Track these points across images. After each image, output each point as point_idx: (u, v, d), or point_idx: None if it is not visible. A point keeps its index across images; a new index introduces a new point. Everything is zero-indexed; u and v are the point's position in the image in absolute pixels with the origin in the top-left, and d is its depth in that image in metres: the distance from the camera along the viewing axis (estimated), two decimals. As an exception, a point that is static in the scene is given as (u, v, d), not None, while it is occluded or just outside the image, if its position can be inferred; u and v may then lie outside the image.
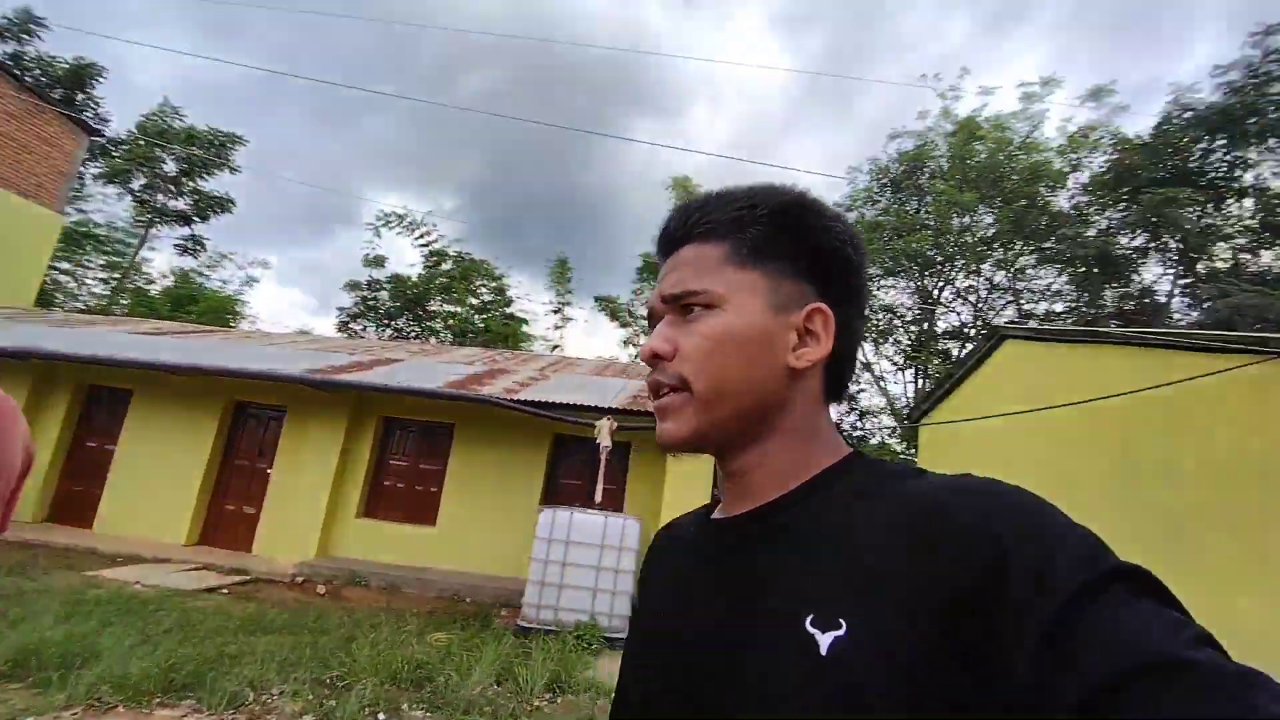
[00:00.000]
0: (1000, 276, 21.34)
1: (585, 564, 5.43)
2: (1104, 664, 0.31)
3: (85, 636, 3.86)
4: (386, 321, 24.32)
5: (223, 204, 22.93)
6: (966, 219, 20.63)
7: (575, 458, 7.72)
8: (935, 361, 21.23)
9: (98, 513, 7.79)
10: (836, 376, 0.55)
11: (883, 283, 22.53)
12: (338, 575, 6.94)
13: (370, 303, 24.45)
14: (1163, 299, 17.22)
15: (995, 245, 20.52)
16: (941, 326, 22.31)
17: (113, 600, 4.96)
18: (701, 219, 0.55)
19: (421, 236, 23.91)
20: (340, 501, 7.58)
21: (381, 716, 3.42)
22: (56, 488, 8.08)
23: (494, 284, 24.32)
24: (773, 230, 0.53)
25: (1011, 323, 15.31)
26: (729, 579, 0.51)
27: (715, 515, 0.59)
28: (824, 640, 0.41)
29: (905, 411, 19.35)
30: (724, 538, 0.54)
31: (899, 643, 0.38)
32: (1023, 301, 20.52)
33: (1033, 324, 15.02)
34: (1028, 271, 20.34)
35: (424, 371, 8.02)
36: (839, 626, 0.41)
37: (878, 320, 22.70)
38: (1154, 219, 15.45)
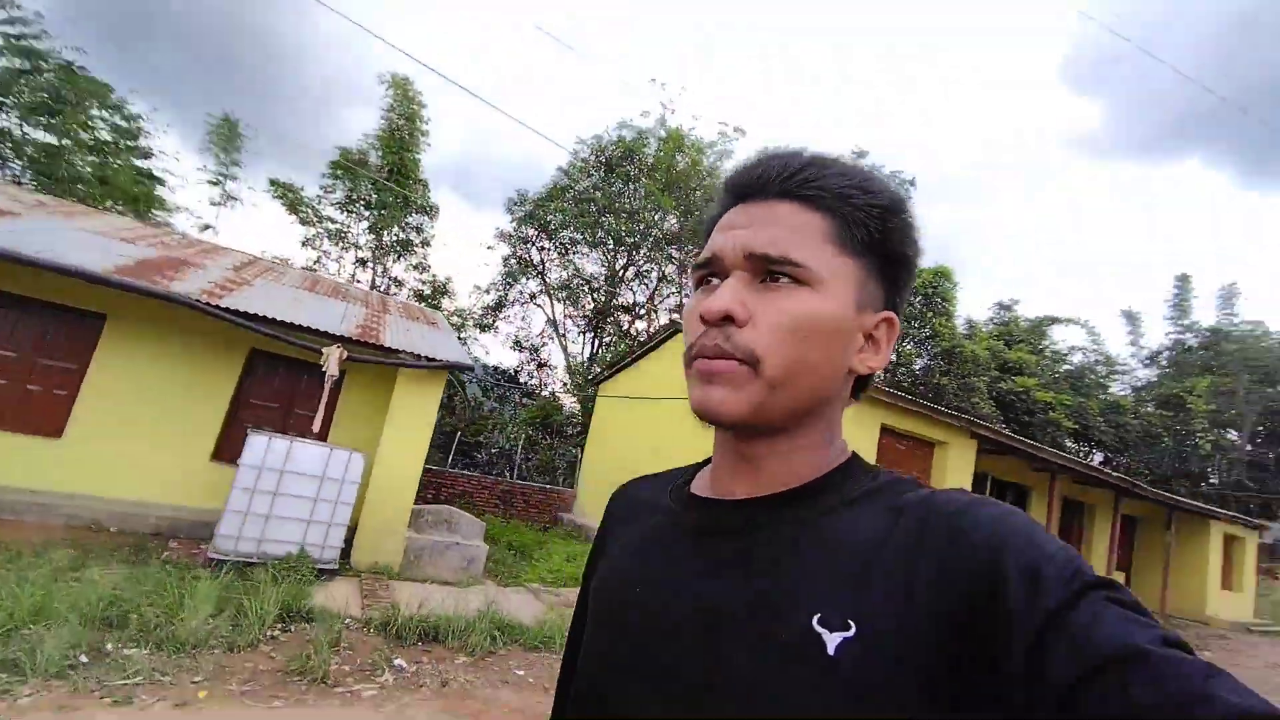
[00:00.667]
0: (671, 270, 25.61)
1: (302, 495, 5.29)
2: (1083, 658, 0.34)
3: None
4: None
5: None
6: (658, 215, 24.07)
7: (271, 377, 7.03)
8: (610, 330, 24.39)
9: None
10: (865, 381, 0.54)
11: (583, 251, 24.72)
12: (-121, 494, 5.02)
13: None
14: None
15: (672, 244, 24.48)
16: (620, 301, 25.67)
17: None
18: (810, 180, 0.50)
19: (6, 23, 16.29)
20: (-118, 393, 5.38)
21: (84, 659, 3.08)
22: None
23: (122, 120, 18.16)
24: (880, 224, 0.51)
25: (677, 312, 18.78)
26: (725, 563, 0.50)
27: (701, 491, 0.58)
28: (832, 641, 0.41)
29: (583, 369, 21.88)
30: (720, 518, 0.53)
31: (908, 647, 0.40)
32: (685, 295, 25.09)
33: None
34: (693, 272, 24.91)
35: (63, 237, 6.13)
36: (848, 628, 0.41)
37: (572, 283, 24.87)
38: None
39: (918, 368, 24.55)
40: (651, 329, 24.15)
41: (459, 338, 13.65)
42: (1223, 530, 15.07)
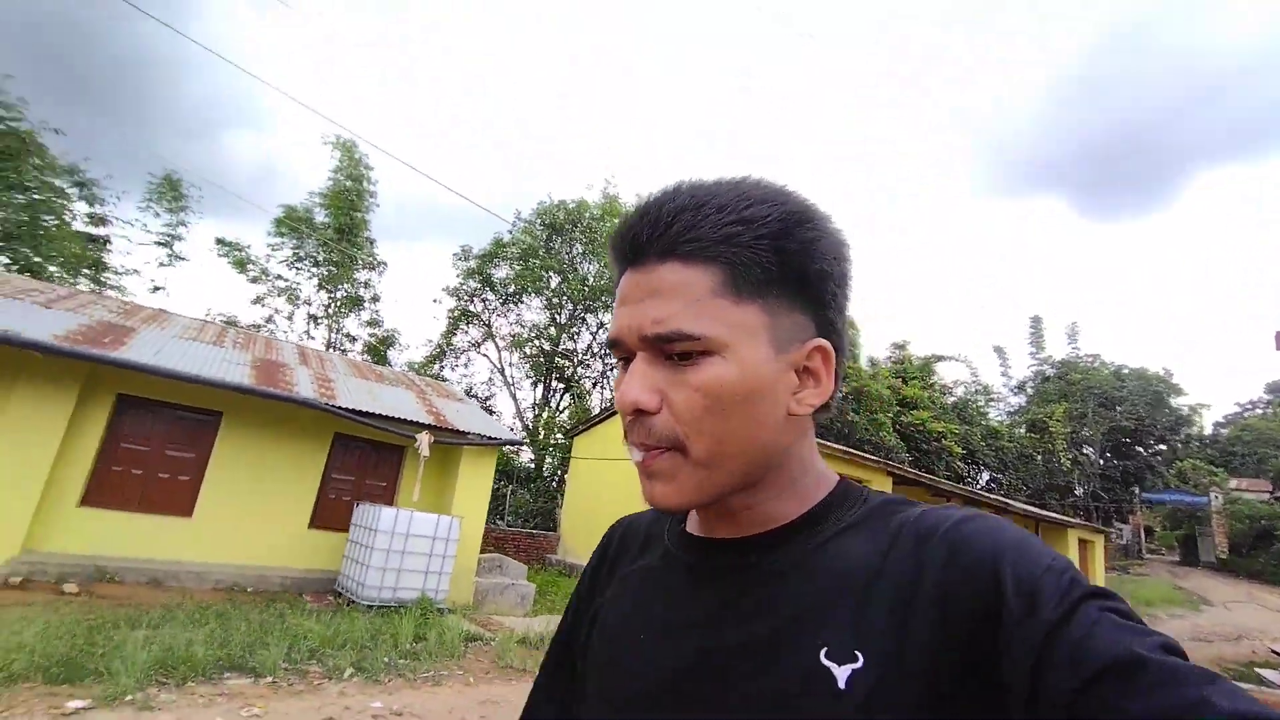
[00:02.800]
0: (607, 318, 27.97)
1: (422, 552, 7.01)
2: (1081, 668, 0.35)
3: None
4: None
5: None
6: (593, 268, 26.45)
7: (349, 456, 8.60)
8: (557, 375, 26.23)
9: None
10: (825, 403, 0.51)
11: (526, 302, 26.60)
12: (76, 572, 6.28)
13: None
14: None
15: (604, 297, 26.88)
16: (564, 348, 27.64)
17: None
18: (685, 233, 0.46)
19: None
20: (54, 489, 6.61)
21: (316, 666, 4.83)
22: None
23: (73, 184, 18.29)
24: (773, 253, 0.46)
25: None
26: (727, 605, 0.49)
27: (694, 530, 0.57)
28: (841, 673, 0.41)
29: (548, 422, 23.54)
30: (718, 558, 0.53)
31: (916, 670, 0.40)
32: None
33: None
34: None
35: (192, 352, 7.57)
36: (855, 659, 0.41)
37: (521, 331, 26.62)
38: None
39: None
40: (592, 374, 26.38)
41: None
42: (1077, 535, 19.03)
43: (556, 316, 26.85)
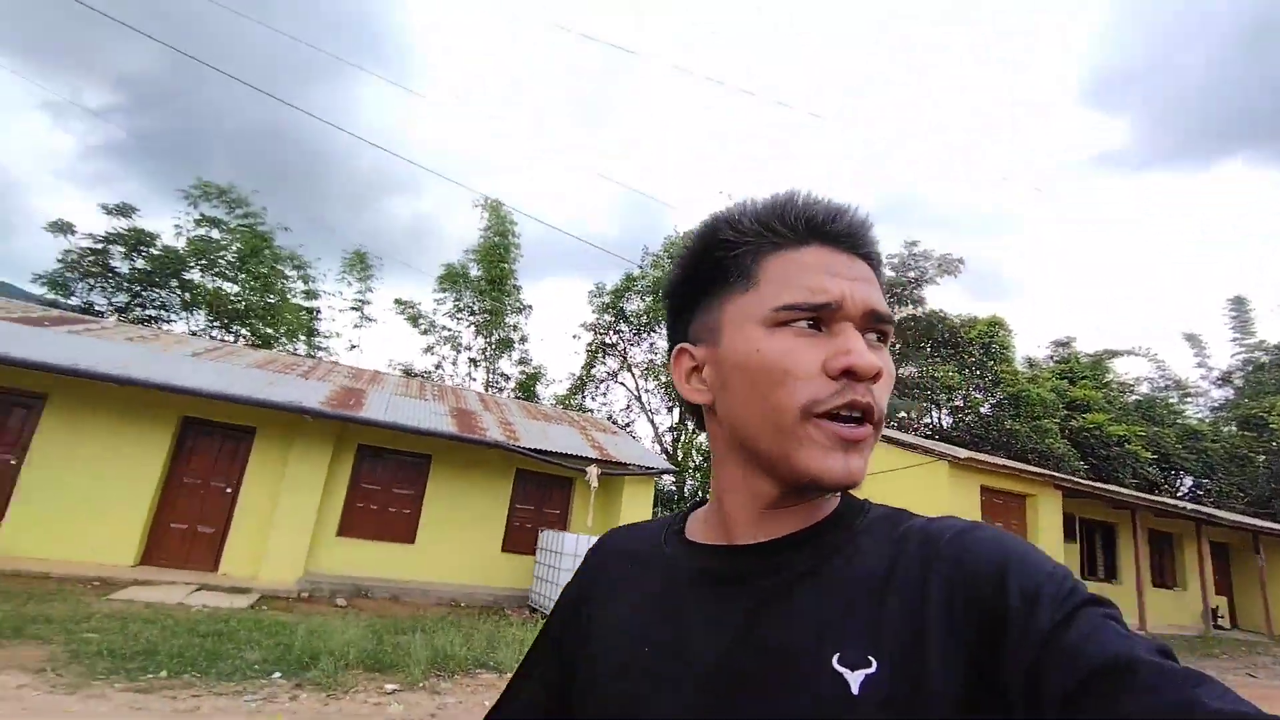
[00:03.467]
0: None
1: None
2: (1076, 671, 0.36)
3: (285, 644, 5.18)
4: (131, 289, 20.48)
5: None
6: None
7: (529, 489, 9.92)
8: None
9: (2, 532, 7.13)
10: None
11: (659, 330, 27.71)
12: (340, 589, 7.99)
13: (93, 264, 20.28)
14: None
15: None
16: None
17: (187, 621, 5.64)
18: (875, 244, 0.54)
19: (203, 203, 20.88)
20: (320, 523, 8.44)
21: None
22: (-85, 503, 7.04)
23: (293, 268, 22.45)
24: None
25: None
26: (737, 613, 0.50)
27: (698, 538, 0.58)
28: (854, 679, 0.42)
29: (670, 440, 24.43)
30: (727, 566, 0.54)
31: (927, 675, 0.41)
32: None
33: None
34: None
35: (406, 407, 9.29)
36: (869, 664, 0.42)
37: (655, 359, 27.81)
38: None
39: (985, 411, 26.27)
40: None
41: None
42: (1311, 549, 15.94)
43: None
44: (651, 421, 27.39)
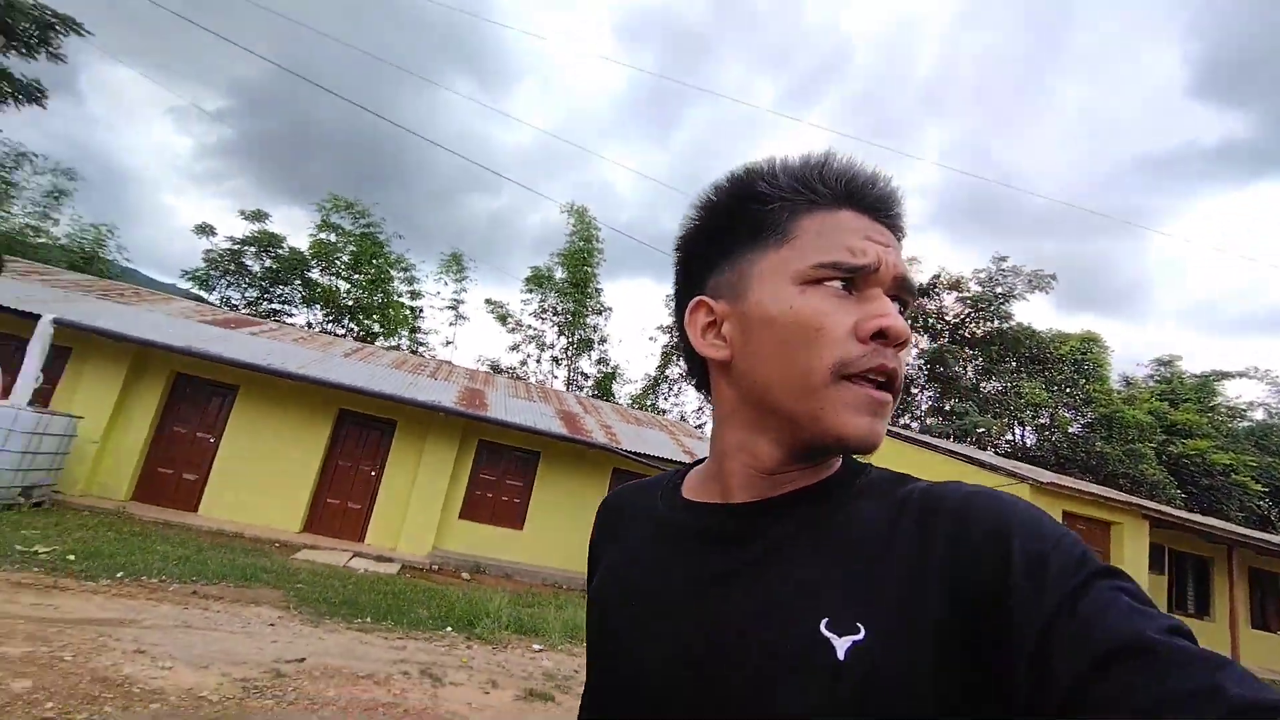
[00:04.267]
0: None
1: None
2: (1088, 651, 0.34)
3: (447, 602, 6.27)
4: (262, 285, 23.09)
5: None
6: None
7: (624, 483, 10.89)
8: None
9: (202, 498, 8.74)
10: None
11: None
12: (463, 565, 9.22)
13: (230, 265, 22.93)
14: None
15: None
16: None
17: (360, 580, 6.87)
18: (903, 218, 0.53)
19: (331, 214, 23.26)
20: (446, 507, 9.70)
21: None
22: (142, 469, 8.71)
23: (399, 270, 24.57)
24: None
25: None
26: (729, 571, 0.50)
27: (694, 495, 0.58)
28: (841, 645, 0.41)
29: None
30: (722, 524, 0.53)
31: (919, 646, 0.39)
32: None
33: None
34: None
35: (519, 408, 10.47)
36: (856, 631, 0.41)
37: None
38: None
39: (1073, 431, 25.29)
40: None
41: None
42: None
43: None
44: (723, 424, 28.01)
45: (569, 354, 27.52)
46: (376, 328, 24.82)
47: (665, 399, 29.24)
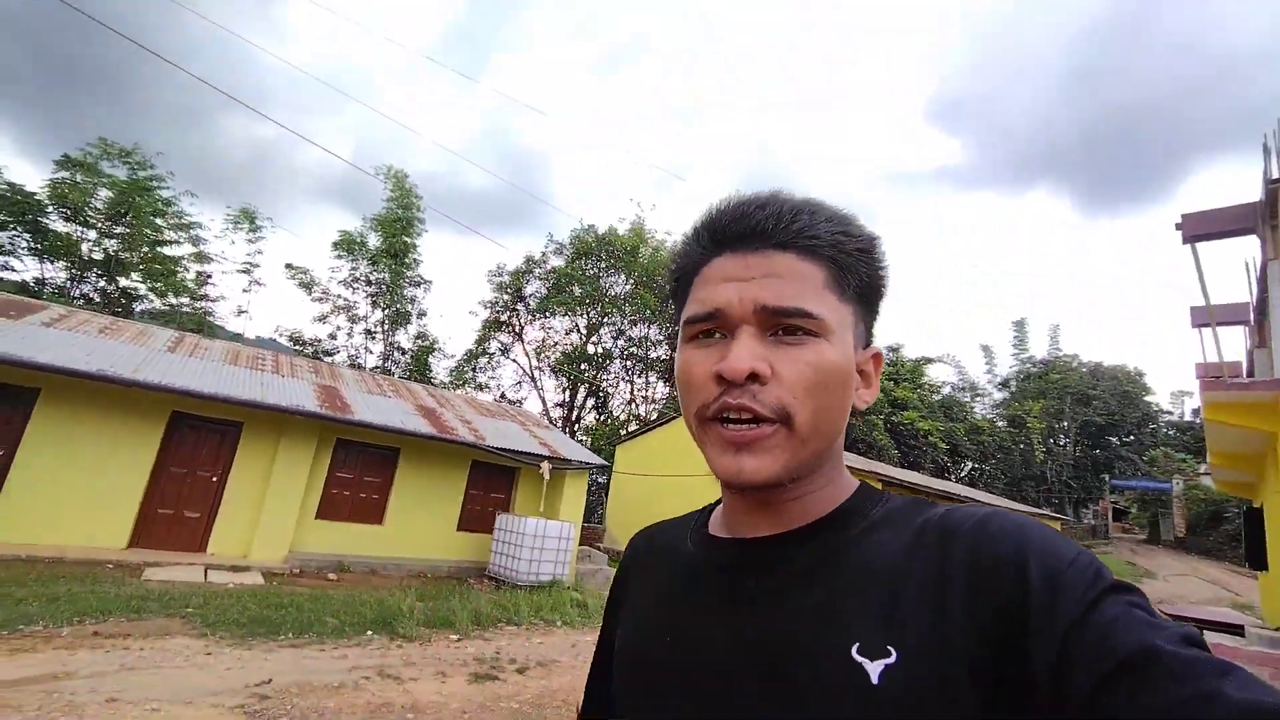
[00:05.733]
0: (624, 324, 30.76)
1: (550, 548, 9.98)
2: (1101, 663, 0.36)
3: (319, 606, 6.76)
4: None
5: None
6: (615, 279, 29.12)
7: (479, 477, 11.54)
8: (579, 374, 28.90)
9: (-4, 520, 7.57)
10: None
11: (553, 310, 29.20)
12: (325, 565, 9.24)
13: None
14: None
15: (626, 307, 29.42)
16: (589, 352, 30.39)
17: (236, 594, 6.89)
18: (806, 231, 0.52)
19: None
20: (303, 507, 9.53)
21: (508, 625, 7.81)
22: (-99, 491, 7.27)
23: (170, 217, 20.86)
24: (864, 266, 0.54)
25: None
26: (756, 603, 0.51)
27: (720, 533, 0.60)
28: (874, 669, 0.42)
29: (559, 418, 26.44)
30: (745, 558, 0.55)
31: (947, 666, 0.41)
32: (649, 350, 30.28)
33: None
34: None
35: (380, 407, 10.48)
36: (888, 654, 0.43)
37: (548, 337, 29.35)
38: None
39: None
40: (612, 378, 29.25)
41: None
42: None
43: (580, 322, 29.59)
44: (542, 397, 29.10)
45: (384, 328, 26.18)
46: (142, 289, 21.08)
47: (483, 372, 29.33)
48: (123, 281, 20.73)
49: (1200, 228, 9.88)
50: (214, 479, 9.06)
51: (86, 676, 4.14)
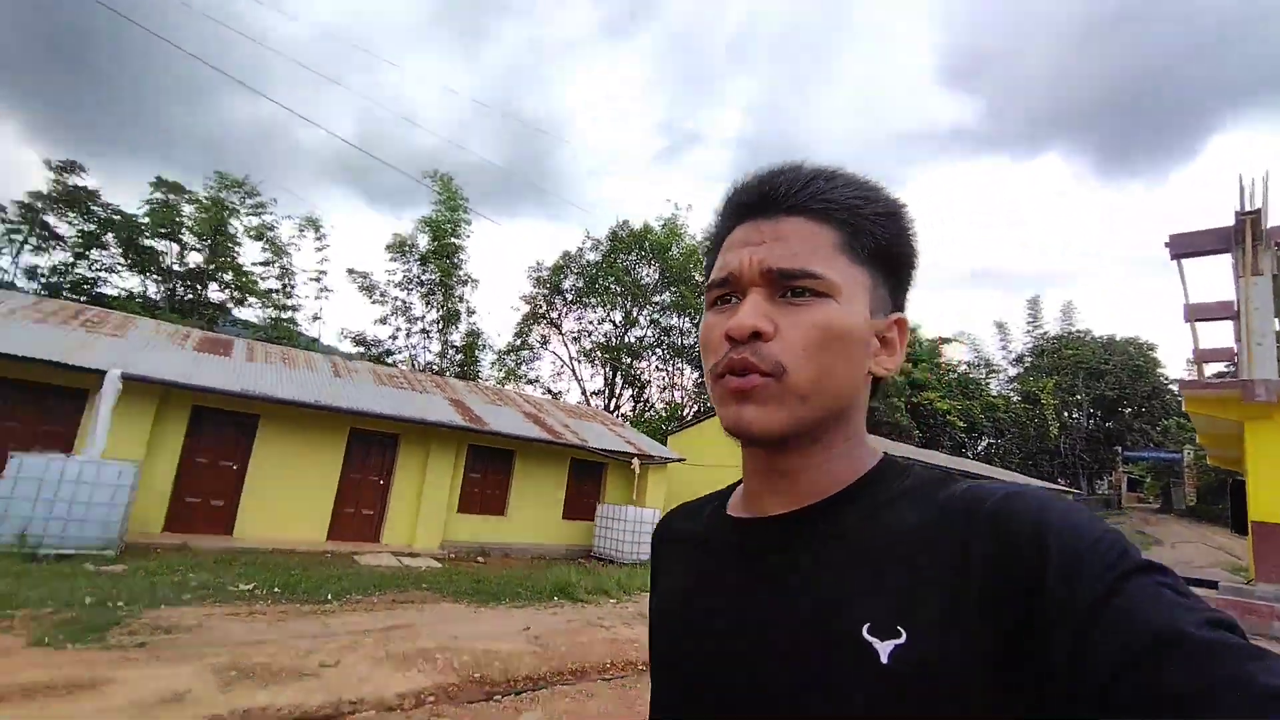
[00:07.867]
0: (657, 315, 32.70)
1: (645, 532, 12.28)
2: (1123, 645, 0.35)
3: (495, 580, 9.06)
4: (76, 251, 20.41)
5: None
6: (649, 271, 31.02)
7: (579, 473, 13.83)
8: (623, 363, 30.98)
9: (237, 520, 9.92)
10: (881, 382, 0.58)
11: (589, 303, 31.14)
12: (470, 551, 11.60)
13: (34, 225, 20.04)
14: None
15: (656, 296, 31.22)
16: (625, 342, 32.37)
17: (434, 573, 9.19)
18: (818, 193, 0.54)
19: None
20: (449, 504, 11.87)
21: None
22: (171, 501, 9.60)
23: (259, 237, 23.06)
24: (883, 231, 0.55)
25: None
26: (771, 582, 0.52)
27: (738, 513, 0.62)
28: (884, 649, 0.43)
29: (600, 405, 28.67)
30: (760, 537, 0.56)
31: (961, 648, 0.41)
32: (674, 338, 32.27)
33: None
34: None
35: (501, 416, 12.77)
36: (899, 635, 0.43)
37: (580, 333, 31.42)
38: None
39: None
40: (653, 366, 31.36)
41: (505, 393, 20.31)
42: (1051, 496, 24.16)
43: (614, 314, 31.60)
44: (582, 387, 31.33)
45: (439, 327, 28.32)
46: (222, 295, 23.32)
47: (527, 364, 31.49)
48: (212, 294, 23.04)
49: (1185, 247, 11.97)
50: (381, 482, 11.39)
51: (422, 625, 6.41)
